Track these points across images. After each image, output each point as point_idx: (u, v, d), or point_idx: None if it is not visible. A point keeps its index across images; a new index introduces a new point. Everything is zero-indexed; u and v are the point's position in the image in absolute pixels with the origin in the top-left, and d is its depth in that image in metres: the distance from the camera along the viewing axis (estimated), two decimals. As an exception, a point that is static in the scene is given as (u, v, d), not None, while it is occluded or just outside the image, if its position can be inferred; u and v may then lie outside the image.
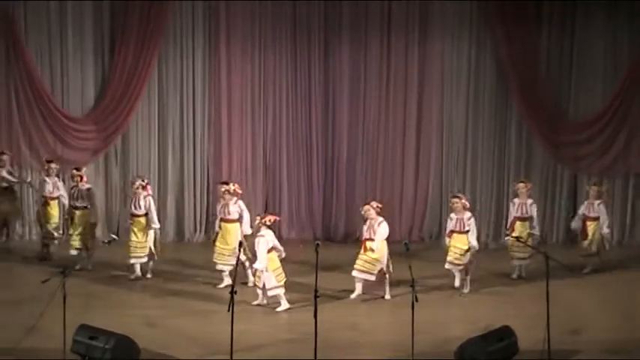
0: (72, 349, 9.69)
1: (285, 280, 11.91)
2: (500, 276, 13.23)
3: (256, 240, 11.84)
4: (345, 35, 15.63)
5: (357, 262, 12.22)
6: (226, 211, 12.73)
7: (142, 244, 13.00)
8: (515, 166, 15.70)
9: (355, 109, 15.77)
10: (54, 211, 14.17)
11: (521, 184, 13.39)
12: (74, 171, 13.73)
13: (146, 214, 13.03)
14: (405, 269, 10.23)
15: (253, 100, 15.76)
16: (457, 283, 12.54)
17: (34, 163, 15.11)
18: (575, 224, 13.84)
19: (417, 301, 9.67)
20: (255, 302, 11.92)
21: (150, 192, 13.14)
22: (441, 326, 10.98)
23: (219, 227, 12.82)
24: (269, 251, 11.74)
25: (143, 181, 13.20)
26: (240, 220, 12.74)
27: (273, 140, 15.83)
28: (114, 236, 12.25)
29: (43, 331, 10.42)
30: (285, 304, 11.75)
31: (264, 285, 11.77)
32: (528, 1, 15.10)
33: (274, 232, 12.10)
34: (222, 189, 12.85)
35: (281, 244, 12.21)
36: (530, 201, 13.22)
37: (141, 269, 13.12)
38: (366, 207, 12.35)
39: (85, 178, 13.67)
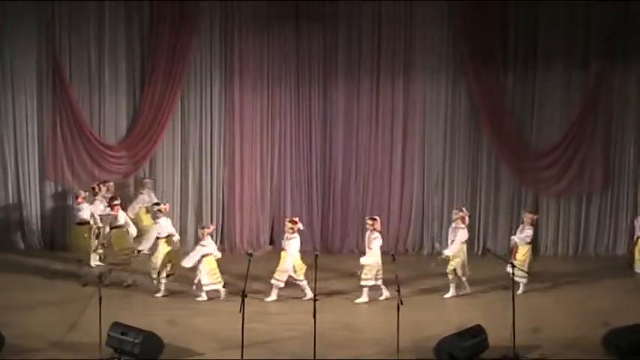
0: (107, 343, 9.79)
1: (219, 278, 12.35)
2: (472, 283, 13.08)
3: (197, 247, 12.39)
4: (340, 74, 15.64)
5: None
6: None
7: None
8: (487, 187, 15.66)
9: (349, 137, 15.74)
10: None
11: (454, 211, 13.04)
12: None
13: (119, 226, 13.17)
14: (392, 277, 10.34)
15: (262, 130, 15.73)
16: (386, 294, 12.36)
17: (75, 185, 15.09)
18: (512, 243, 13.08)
19: (402, 304, 9.75)
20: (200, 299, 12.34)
21: (115, 212, 13.13)
22: (422, 325, 10.99)
23: None
24: (206, 255, 12.29)
25: (117, 200, 13.39)
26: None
27: (278, 165, 15.79)
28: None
29: (82, 327, 10.53)
30: (223, 295, 12.35)
31: (199, 281, 12.27)
32: (496, 46, 15.15)
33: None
34: (156, 208, 12.99)
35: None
36: (453, 225, 12.81)
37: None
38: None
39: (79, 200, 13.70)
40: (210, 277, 12.32)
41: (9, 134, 15.26)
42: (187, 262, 12.38)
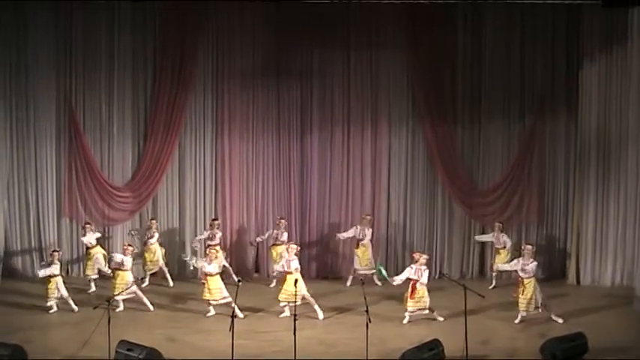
0: (115, 359, 9.73)
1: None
2: (430, 303, 12.97)
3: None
4: (315, 125, 15.63)
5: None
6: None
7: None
8: (442, 221, 15.69)
9: (323, 180, 15.71)
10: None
11: (292, 246, 13.01)
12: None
13: None
14: (362, 298, 10.35)
15: (247, 173, 15.68)
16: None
17: (87, 220, 14.98)
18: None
19: (370, 322, 9.77)
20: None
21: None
22: (387, 340, 10.98)
23: None
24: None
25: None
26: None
27: (262, 203, 15.72)
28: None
29: (93, 344, 10.43)
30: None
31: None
32: (447, 103, 15.39)
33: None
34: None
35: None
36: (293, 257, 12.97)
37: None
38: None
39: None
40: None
41: (31, 176, 15.23)
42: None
